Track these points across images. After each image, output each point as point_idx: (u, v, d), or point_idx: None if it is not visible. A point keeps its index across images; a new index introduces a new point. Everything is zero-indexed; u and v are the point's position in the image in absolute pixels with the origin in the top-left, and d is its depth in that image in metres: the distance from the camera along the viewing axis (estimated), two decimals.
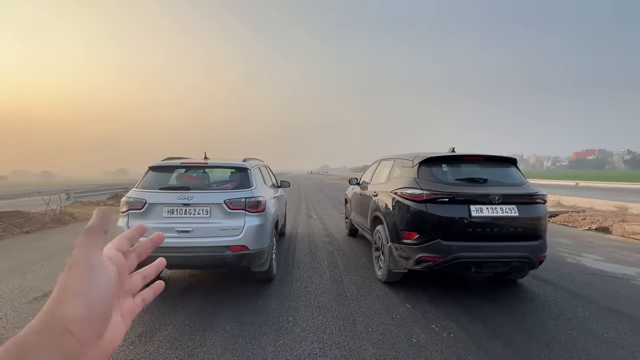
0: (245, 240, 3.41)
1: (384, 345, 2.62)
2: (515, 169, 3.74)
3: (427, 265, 3.33)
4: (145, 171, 3.77)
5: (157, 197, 3.43)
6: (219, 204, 3.42)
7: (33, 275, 4.35)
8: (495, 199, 3.24)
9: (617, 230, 7.04)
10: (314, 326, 2.93)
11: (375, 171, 5.24)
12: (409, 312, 3.21)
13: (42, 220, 7.99)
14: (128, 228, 2.67)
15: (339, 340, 2.69)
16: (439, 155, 3.71)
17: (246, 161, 4.08)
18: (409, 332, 2.82)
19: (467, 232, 3.24)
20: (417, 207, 3.39)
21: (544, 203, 3.45)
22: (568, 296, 3.64)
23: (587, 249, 5.80)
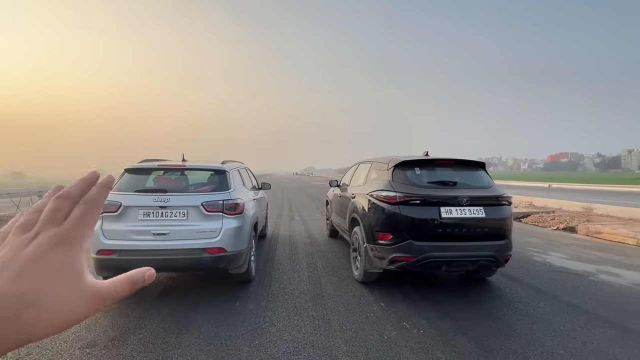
0: (223, 243, 3.43)
1: (357, 342, 2.71)
2: (484, 172, 3.94)
3: (401, 264, 3.46)
4: (121, 173, 3.72)
5: (132, 200, 3.40)
6: (196, 207, 3.43)
7: None
8: (463, 201, 3.41)
9: (582, 230, 7.46)
10: (290, 326, 2.99)
11: (354, 174, 5.36)
12: (383, 311, 3.33)
13: None
14: (102, 232, 2.65)
15: (314, 339, 2.77)
16: (412, 159, 3.86)
17: (225, 163, 4.10)
18: (381, 330, 2.93)
19: (437, 233, 3.39)
20: (391, 209, 3.52)
21: (509, 205, 3.65)
22: (532, 292, 3.86)
23: (553, 248, 6.13)
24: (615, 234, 6.69)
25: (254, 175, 6.26)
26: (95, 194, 0.35)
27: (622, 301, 3.59)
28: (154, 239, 3.32)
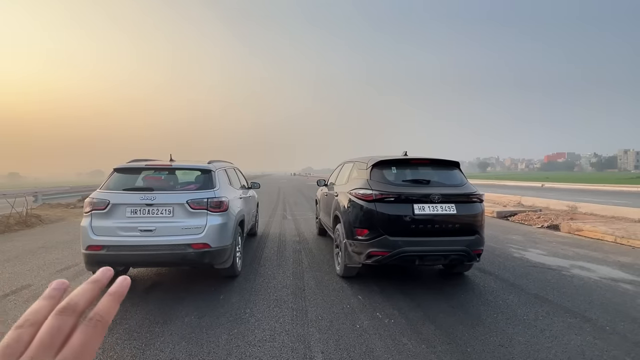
0: (207, 238, 3.60)
1: (330, 331, 2.89)
2: (458, 171, 4.12)
3: (377, 259, 3.64)
4: (110, 173, 3.88)
5: (120, 198, 3.56)
6: (181, 204, 3.59)
7: None
8: (435, 198, 3.59)
9: (565, 228, 7.67)
10: (269, 317, 3.16)
11: (339, 173, 5.54)
12: (359, 303, 3.50)
13: (6, 223, 7.80)
14: (91, 228, 2.82)
15: (289, 328, 2.94)
16: (389, 159, 4.04)
17: (211, 163, 4.27)
18: (355, 319, 3.11)
19: (411, 229, 3.57)
20: (367, 206, 3.70)
21: (480, 202, 3.83)
22: (505, 285, 4.04)
23: (534, 245, 6.32)
24: (595, 231, 6.90)
25: (244, 175, 6.43)
26: (106, 309, 0.31)
27: (588, 293, 3.78)
28: (141, 235, 3.49)
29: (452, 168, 4.11)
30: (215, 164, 4.31)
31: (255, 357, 2.47)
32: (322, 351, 2.56)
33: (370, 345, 2.66)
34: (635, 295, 3.72)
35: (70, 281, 4.04)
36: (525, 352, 2.56)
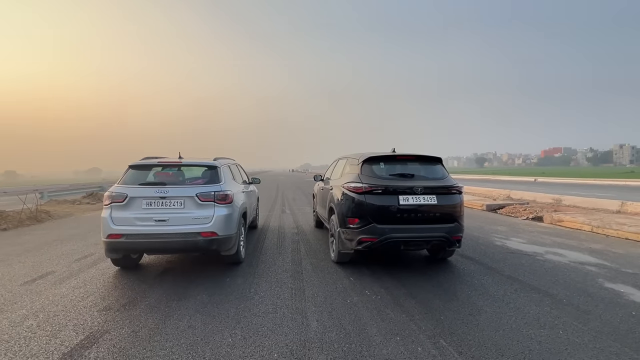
0: (215, 227, 4.02)
1: (324, 305, 3.33)
2: (440, 166, 4.55)
3: (367, 244, 4.07)
4: (126, 169, 4.29)
5: (137, 191, 3.97)
6: (191, 197, 4.01)
7: (19, 265, 4.77)
8: (418, 190, 4.02)
9: (547, 219, 8.15)
10: (271, 295, 3.60)
11: (334, 168, 5.96)
12: (351, 283, 3.95)
13: (18, 218, 8.19)
14: (111, 219, 3.30)
15: (289, 303, 3.38)
16: (378, 155, 4.46)
17: (216, 160, 4.68)
18: (346, 296, 3.55)
19: (396, 217, 4.00)
20: (358, 198, 4.13)
21: (459, 193, 4.27)
22: (482, 269, 4.50)
23: (516, 234, 6.79)
24: (574, 221, 7.37)
25: (245, 171, 6.85)
26: None
27: (554, 274, 4.24)
28: (156, 224, 3.90)
29: (435, 163, 4.54)
30: (220, 161, 4.72)
31: (260, 326, 2.90)
32: (317, 320, 3.01)
33: (359, 315, 3.10)
34: (596, 275, 4.19)
35: (89, 268, 4.52)
36: (489, 319, 3.01)
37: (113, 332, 2.79)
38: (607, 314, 3.11)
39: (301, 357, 2.41)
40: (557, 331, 2.79)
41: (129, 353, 2.47)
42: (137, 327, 2.86)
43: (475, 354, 2.46)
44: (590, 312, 3.14)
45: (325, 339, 2.68)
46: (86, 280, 4.07)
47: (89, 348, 2.54)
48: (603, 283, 3.92)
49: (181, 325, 2.90)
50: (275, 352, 2.48)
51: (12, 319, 3.03)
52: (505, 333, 2.76)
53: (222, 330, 2.82)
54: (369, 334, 2.75)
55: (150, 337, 2.71)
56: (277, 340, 2.65)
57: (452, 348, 2.53)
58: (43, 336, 2.72)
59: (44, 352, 2.49)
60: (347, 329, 2.84)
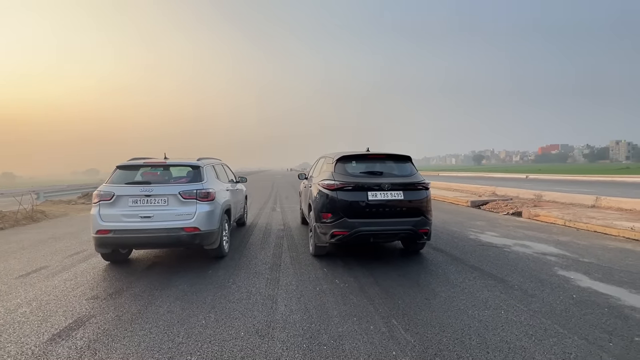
0: (197, 223, 4.31)
1: (294, 292, 3.63)
2: (410, 164, 4.85)
3: (339, 238, 4.38)
4: (114, 169, 4.57)
5: (123, 190, 4.26)
6: (174, 195, 4.30)
7: (15, 260, 5.05)
8: (385, 187, 4.33)
9: (526, 214, 8.48)
10: (247, 284, 3.90)
11: (315, 167, 6.26)
12: (324, 273, 4.25)
13: (14, 218, 8.46)
14: (99, 216, 3.62)
15: (263, 291, 3.68)
16: (351, 154, 4.77)
17: (200, 160, 4.97)
18: (316, 284, 3.85)
19: (365, 212, 4.31)
20: (331, 194, 4.43)
21: (425, 189, 4.57)
22: (450, 260, 4.81)
23: (492, 229, 7.11)
24: (549, 216, 7.70)
25: (232, 170, 7.14)
26: None
27: (515, 264, 4.55)
28: (141, 220, 4.19)
29: (405, 161, 4.84)
30: (203, 161, 5.01)
31: (233, 310, 3.20)
32: (286, 305, 3.31)
33: (324, 300, 3.41)
34: (554, 264, 4.51)
35: (80, 263, 4.82)
36: (442, 302, 3.32)
37: (99, 316, 3.09)
38: (550, 297, 3.42)
39: (264, 335, 2.72)
40: (499, 312, 3.10)
41: (112, 333, 2.77)
42: (121, 313, 3.16)
43: (419, 330, 2.77)
44: (535, 296, 3.46)
45: (289, 320, 2.98)
46: (77, 273, 4.36)
47: (76, 330, 2.83)
48: (557, 271, 4.24)
49: (161, 311, 3.19)
50: (242, 331, 2.78)
51: (7, 307, 3.33)
52: (452, 314, 3.07)
53: (198, 314, 3.12)
54: (329, 316, 3.05)
55: (132, 320, 3.00)
56: (246, 322, 2.95)
57: (401, 326, 2.84)
58: (35, 321, 3.02)
59: (35, 333, 2.79)
60: (311, 312, 3.15)
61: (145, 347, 2.55)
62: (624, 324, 2.84)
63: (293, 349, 2.51)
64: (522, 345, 2.52)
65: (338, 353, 2.46)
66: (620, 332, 2.71)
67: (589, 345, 2.51)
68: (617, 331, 2.72)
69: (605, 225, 6.38)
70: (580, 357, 2.36)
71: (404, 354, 2.43)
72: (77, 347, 2.57)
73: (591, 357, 2.37)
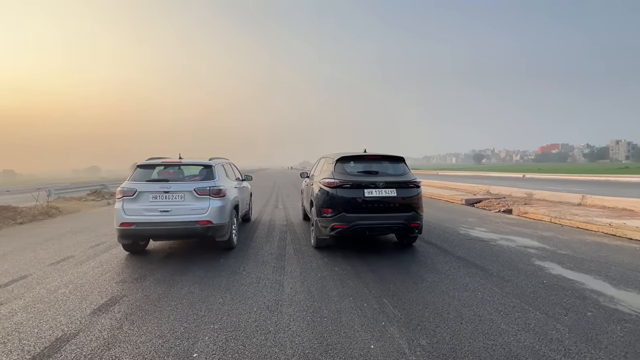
0: (210, 217, 4.79)
1: (298, 278, 4.11)
2: (403, 164, 5.32)
3: (338, 231, 4.85)
4: (134, 168, 5.05)
5: (144, 187, 4.74)
6: (190, 191, 4.77)
7: (43, 251, 5.54)
8: (380, 185, 4.80)
9: (515, 211, 8.95)
10: (256, 271, 4.38)
11: (317, 166, 6.73)
12: (324, 263, 4.73)
13: (31, 213, 8.94)
14: (123, 210, 4.16)
15: (270, 276, 4.16)
16: (350, 155, 5.24)
17: (212, 160, 5.45)
18: (318, 271, 4.33)
19: (362, 207, 4.78)
20: (331, 191, 4.90)
21: (416, 187, 5.04)
22: (438, 252, 5.28)
23: (482, 225, 7.58)
24: (537, 213, 8.17)
25: (239, 169, 7.61)
26: None
27: (497, 255, 5.02)
28: (161, 214, 4.67)
29: (398, 162, 5.32)
30: (215, 161, 5.49)
31: (245, 291, 3.68)
32: (291, 287, 3.79)
33: (324, 284, 3.89)
34: (532, 256, 4.98)
35: (103, 253, 5.33)
36: (428, 286, 3.80)
37: (130, 296, 3.57)
38: (523, 282, 3.90)
39: (274, 310, 3.19)
40: (476, 293, 3.58)
41: (144, 309, 3.25)
42: (148, 293, 3.64)
43: (406, 307, 3.24)
44: (510, 281, 3.93)
45: (295, 299, 3.46)
46: (102, 262, 4.84)
47: (112, 306, 3.31)
48: (534, 261, 4.71)
49: (183, 292, 3.67)
50: (255, 307, 3.26)
51: (48, 288, 3.81)
52: (435, 295, 3.54)
53: (215, 294, 3.60)
54: (329, 296, 3.53)
55: (159, 299, 3.49)
56: (257, 300, 3.43)
57: (391, 304, 3.32)
58: (75, 299, 3.50)
59: (79, 308, 3.27)
60: (313, 293, 3.63)
61: (174, 319, 3.03)
62: (581, 302, 3.31)
63: (299, 320, 2.99)
64: (491, 318, 2.99)
65: (336, 324, 2.93)
66: (576, 309, 3.18)
67: (547, 318, 2.99)
68: (574, 308, 3.19)
69: (587, 222, 6.85)
70: (538, 327, 2.84)
71: (391, 324, 2.91)
72: (117, 318, 3.05)
73: (547, 327, 2.85)
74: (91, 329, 2.85)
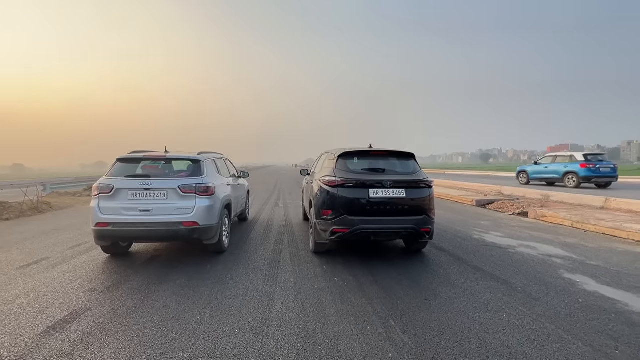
0: (196, 217, 4.28)
1: (292, 289, 3.58)
2: (413, 161, 4.75)
3: (339, 235, 4.31)
4: (114, 162, 4.55)
5: (123, 183, 4.24)
6: (174, 189, 4.27)
7: (17, 251, 5.09)
8: (387, 184, 4.24)
9: (532, 214, 8.31)
10: (245, 280, 3.86)
11: (318, 163, 6.18)
12: (323, 271, 4.19)
13: (20, 209, 8.55)
14: (99, 208, 3.59)
15: (260, 287, 3.64)
16: (353, 150, 4.68)
17: (201, 154, 4.93)
18: (315, 282, 3.80)
19: (366, 209, 4.23)
20: (332, 191, 4.35)
21: (428, 187, 4.47)
22: (452, 260, 4.71)
23: (497, 229, 6.97)
24: (556, 217, 7.53)
25: (234, 165, 7.10)
26: None
27: (519, 265, 4.44)
28: (140, 214, 4.17)
29: (408, 159, 4.74)
30: (204, 155, 4.97)
31: (229, 306, 3.16)
32: (282, 302, 3.26)
33: (322, 299, 3.35)
34: (559, 267, 4.38)
35: (81, 255, 4.82)
36: (442, 303, 3.24)
37: (95, 309, 3.07)
38: (554, 301, 3.32)
39: (259, 333, 2.67)
40: (501, 314, 3.01)
41: (106, 327, 2.75)
42: (117, 306, 3.14)
43: (418, 332, 2.70)
44: (539, 299, 3.36)
45: (285, 318, 2.93)
46: (77, 265, 4.36)
47: (70, 322, 2.82)
48: (563, 274, 4.12)
49: (157, 305, 3.17)
50: (237, 329, 2.74)
51: (4, 298, 3.33)
52: (452, 316, 2.99)
53: (193, 309, 3.08)
54: (326, 315, 3.00)
55: (128, 314, 2.98)
56: (241, 319, 2.90)
57: (399, 327, 2.77)
58: (31, 312, 3.01)
59: (31, 325, 2.78)
60: (308, 310, 3.09)
61: (138, 343, 2.52)
62: (631, 331, 2.73)
63: (287, 348, 2.46)
64: (524, 351, 2.43)
65: (333, 353, 2.40)
66: (627, 339, 2.60)
67: (594, 353, 2.41)
68: (624, 338, 2.61)
69: (615, 228, 6.21)
70: None
71: (401, 357, 2.36)
72: (71, 340, 2.55)
73: None
74: (35, 356, 2.36)
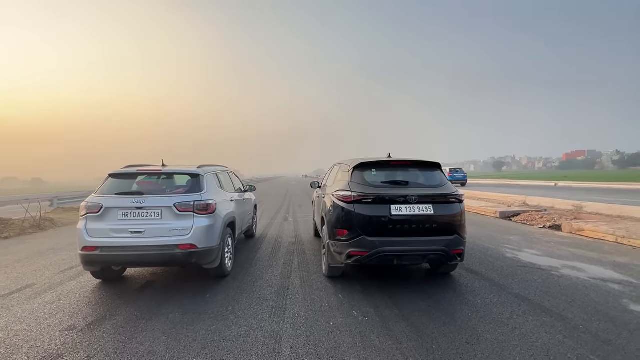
0: (194, 240, 3.78)
1: (303, 328, 3.00)
2: (439, 172, 4.16)
3: (356, 259, 3.73)
4: (105, 178, 4.13)
5: (112, 202, 3.79)
6: (169, 207, 3.79)
7: (3, 276, 4.67)
8: (412, 199, 3.66)
9: (566, 228, 7.53)
10: (248, 314, 3.30)
11: (329, 175, 5.65)
12: (338, 301, 3.60)
13: (21, 226, 8.26)
14: (86, 230, 3.06)
15: (266, 324, 3.07)
16: (370, 161, 4.13)
17: (200, 168, 4.46)
18: (330, 317, 3.21)
19: (388, 229, 3.65)
20: (347, 207, 3.80)
21: (459, 202, 3.87)
22: (488, 285, 4.06)
23: (530, 245, 6.24)
24: (596, 231, 6.75)
25: (240, 178, 6.64)
26: None
27: (571, 293, 3.75)
28: (132, 236, 3.70)
29: (433, 169, 4.16)
30: (204, 169, 4.50)
31: (227, 351, 2.61)
32: (292, 346, 2.68)
33: (339, 341, 2.76)
34: (620, 295, 3.68)
35: (70, 281, 4.34)
36: (490, 349, 2.61)
37: (66, 356, 2.56)
38: (633, 344, 2.65)
39: None
40: None
41: None
42: (93, 352, 2.62)
43: None
44: (612, 343, 2.68)
45: None
46: (62, 294, 3.89)
47: None
48: (628, 305, 3.42)
49: (141, 350, 2.64)
50: None
51: None
52: None
53: (184, 356, 2.54)
54: None
55: None
56: None
57: None
58: None
59: None
60: (322, 357, 2.51)
61: None
62: None
63: None
64: None
65: None
66: None
67: None
68: None
69: None
70: None
71: None
72: None
73: None
74: None
